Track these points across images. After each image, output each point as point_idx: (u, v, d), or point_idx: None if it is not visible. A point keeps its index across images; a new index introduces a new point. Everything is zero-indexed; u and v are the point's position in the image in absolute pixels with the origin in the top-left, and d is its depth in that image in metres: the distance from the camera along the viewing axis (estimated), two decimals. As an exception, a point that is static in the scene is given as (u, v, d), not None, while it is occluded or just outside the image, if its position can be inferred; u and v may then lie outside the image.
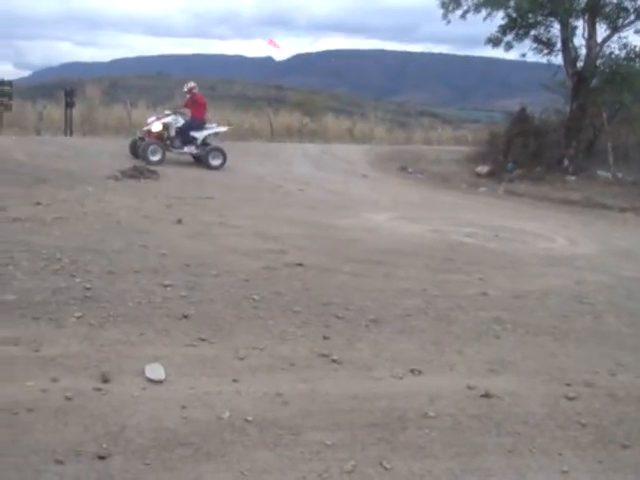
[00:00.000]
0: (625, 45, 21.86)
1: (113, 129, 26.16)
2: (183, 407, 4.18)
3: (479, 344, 5.81)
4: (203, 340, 5.35)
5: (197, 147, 18.62)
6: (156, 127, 17.96)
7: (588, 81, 21.72)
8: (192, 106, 18.70)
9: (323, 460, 3.72)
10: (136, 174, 15.32)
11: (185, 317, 5.82)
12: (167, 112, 18.64)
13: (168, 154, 18.07)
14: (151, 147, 17.58)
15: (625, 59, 21.74)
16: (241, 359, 5.04)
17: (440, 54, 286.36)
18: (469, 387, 4.83)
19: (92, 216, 10.25)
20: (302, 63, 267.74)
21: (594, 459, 3.99)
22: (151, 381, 4.52)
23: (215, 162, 18.49)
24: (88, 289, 6.35)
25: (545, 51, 22.91)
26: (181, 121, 18.43)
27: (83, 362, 4.74)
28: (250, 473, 3.55)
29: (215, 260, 7.99)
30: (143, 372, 4.62)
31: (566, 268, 9.33)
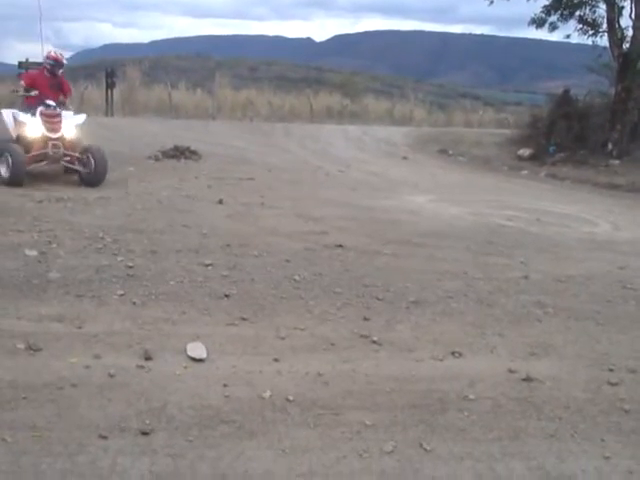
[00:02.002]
0: (673, 26, 21.35)
1: (153, 110, 26.31)
2: (225, 385, 4.21)
3: (520, 327, 5.76)
4: (244, 319, 5.38)
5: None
6: (71, 132, 11.36)
7: (634, 63, 21.23)
8: (60, 90, 11.81)
9: (363, 440, 3.73)
10: (177, 154, 15.45)
11: (226, 296, 5.87)
12: (49, 102, 11.16)
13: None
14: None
15: (673, 40, 21.22)
16: (282, 339, 5.06)
17: (482, 35, 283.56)
18: (510, 370, 4.80)
19: (134, 196, 10.36)
20: (341, 44, 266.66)
21: (637, 445, 3.94)
22: (193, 359, 4.56)
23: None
24: (130, 268, 6.43)
25: (590, 32, 22.46)
26: None
27: (126, 339, 4.80)
28: (291, 451, 3.57)
29: (256, 240, 8.02)
30: (185, 350, 4.66)
31: (609, 253, 9.19)
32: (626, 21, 21.56)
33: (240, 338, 5.01)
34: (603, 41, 22.18)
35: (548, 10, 22.53)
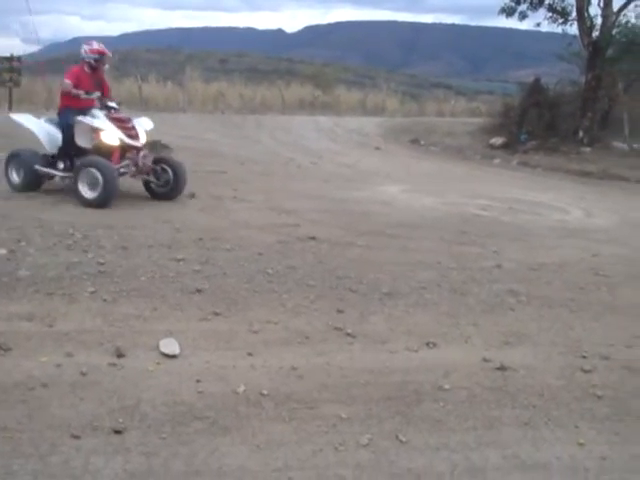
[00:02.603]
0: (642, 14, 21.55)
1: (123, 103, 26.03)
2: (198, 381, 4.17)
3: (494, 316, 5.78)
4: (217, 314, 5.34)
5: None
6: (144, 139, 9.97)
7: (604, 51, 21.40)
8: (100, 87, 10.22)
9: (339, 433, 3.71)
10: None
11: (199, 291, 5.82)
12: (111, 104, 9.89)
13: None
14: None
15: (642, 28, 21.39)
16: (255, 333, 5.03)
17: (453, 25, 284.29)
18: (484, 360, 4.81)
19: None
20: (313, 35, 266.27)
21: (610, 431, 3.96)
22: (166, 356, 4.52)
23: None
24: (101, 264, 6.36)
25: (560, 20, 22.57)
26: None
27: (97, 337, 4.74)
28: (266, 446, 3.54)
29: (228, 234, 7.98)
30: (157, 347, 4.62)
31: (582, 240, 9.25)
32: (595, 9, 21.74)
33: (213, 333, 4.97)
34: (573, 29, 22.37)
35: (517, -2, 22.63)
